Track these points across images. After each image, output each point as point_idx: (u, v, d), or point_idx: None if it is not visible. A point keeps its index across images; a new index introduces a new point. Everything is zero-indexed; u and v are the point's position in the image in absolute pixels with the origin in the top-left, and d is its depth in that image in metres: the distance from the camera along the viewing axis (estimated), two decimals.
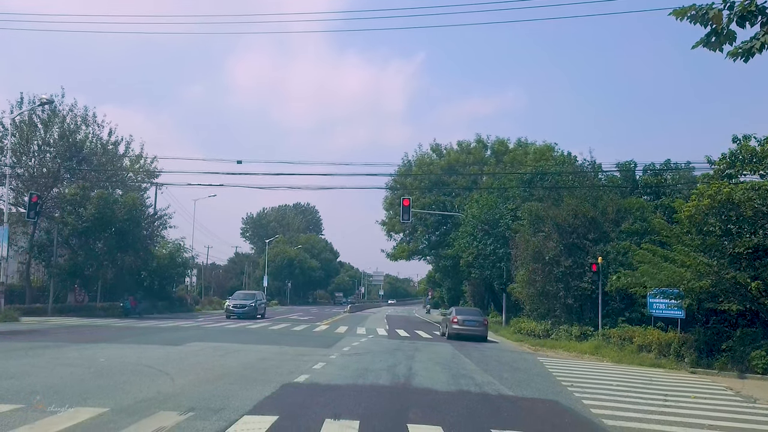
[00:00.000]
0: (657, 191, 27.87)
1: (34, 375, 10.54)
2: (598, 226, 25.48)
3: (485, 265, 35.59)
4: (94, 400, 8.36)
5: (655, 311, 20.56)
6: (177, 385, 10.06)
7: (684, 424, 8.80)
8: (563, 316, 25.80)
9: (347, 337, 23.98)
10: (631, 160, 29.65)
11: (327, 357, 15.77)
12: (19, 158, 36.72)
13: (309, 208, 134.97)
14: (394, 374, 12.97)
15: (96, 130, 39.86)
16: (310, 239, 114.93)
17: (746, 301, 16.43)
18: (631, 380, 14.15)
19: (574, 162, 33.86)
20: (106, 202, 36.36)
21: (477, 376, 13.28)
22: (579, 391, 11.73)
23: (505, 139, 50.64)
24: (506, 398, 10.55)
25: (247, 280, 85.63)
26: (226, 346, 17.73)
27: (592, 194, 27.36)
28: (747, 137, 17.64)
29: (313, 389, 10.40)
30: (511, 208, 35.04)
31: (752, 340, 16.45)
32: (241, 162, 30.08)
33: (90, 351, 15.08)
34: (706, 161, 20.16)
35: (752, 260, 16.43)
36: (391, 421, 7.92)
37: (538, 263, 26.13)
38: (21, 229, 36.75)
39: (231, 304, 39.26)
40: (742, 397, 12.28)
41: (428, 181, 47.22)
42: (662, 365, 17.81)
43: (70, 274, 36.70)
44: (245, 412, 7.93)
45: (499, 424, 8.10)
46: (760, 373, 15.49)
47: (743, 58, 5.89)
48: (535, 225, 27.75)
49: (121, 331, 23.36)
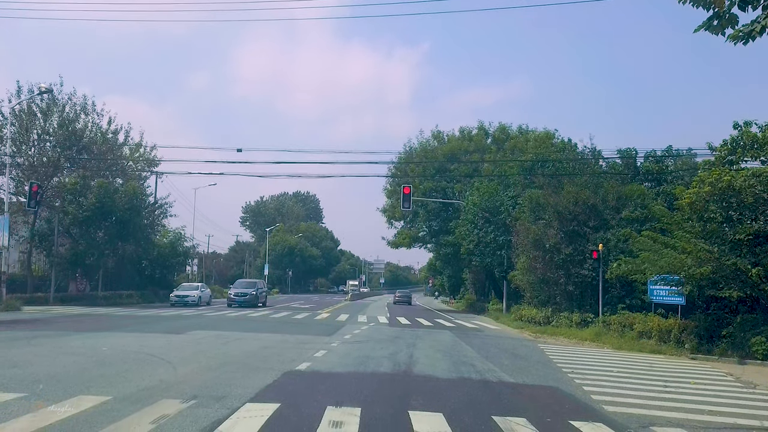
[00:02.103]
0: (658, 178, 27.78)
1: (36, 364, 10.57)
2: (599, 214, 25.45)
3: (486, 252, 35.63)
4: (97, 388, 8.40)
5: (655, 298, 20.59)
6: (179, 373, 10.09)
7: (684, 409, 8.83)
8: (564, 303, 25.85)
9: (348, 325, 24.05)
10: (632, 147, 29.55)
11: (328, 345, 15.81)
12: (19, 147, 36.63)
13: (309, 196, 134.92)
14: (396, 362, 13.01)
15: (95, 118, 39.80)
16: (310, 227, 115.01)
17: (747, 288, 16.45)
18: (632, 366, 14.19)
19: (575, 149, 33.75)
20: (106, 191, 36.37)
21: (478, 363, 13.32)
22: (579, 377, 11.77)
23: (506, 125, 50.51)
24: (507, 385, 10.58)
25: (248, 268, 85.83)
26: (228, 335, 17.79)
27: (593, 181, 27.29)
28: (748, 123, 17.60)
29: (314, 377, 10.44)
30: (511, 195, 35.04)
31: (752, 327, 16.48)
32: (241, 150, 29.87)
33: (92, 340, 15.13)
34: (708, 148, 20.12)
35: (753, 246, 16.42)
36: (393, 408, 7.94)
37: (538, 251, 26.14)
38: (22, 218, 36.78)
39: (232, 292, 39.55)
40: (741, 383, 12.32)
41: (431, 168, 47.13)
42: (662, 352, 17.86)
43: (71, 263, 36.80)
44: (247, 400, 7.96)
45: (499, 410, 8.13)
46: (760, 359, 15.54)
47: (744, 41, 5.86)
48: (535, 212, 27.74)
49: (123, 319, 23.43)
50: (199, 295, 38.55)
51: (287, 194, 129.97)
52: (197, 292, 38.62)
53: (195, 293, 38.34)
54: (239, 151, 33.89)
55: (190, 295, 37.79)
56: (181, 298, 37.26)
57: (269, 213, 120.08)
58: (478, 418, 7.60)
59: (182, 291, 38.88)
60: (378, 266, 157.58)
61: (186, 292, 38.36)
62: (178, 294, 37.99)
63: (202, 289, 40.70)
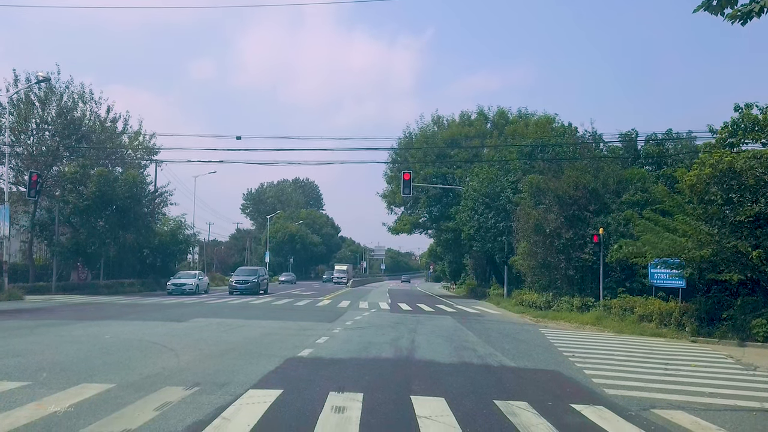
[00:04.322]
0: (659, 161, 27.70)
1: (40, 353, 10.62)
2: (599, 198, 25.42)
3: (486, 238, 35.63)
4: (100, 376, 8.44)
5: (656, 281, 20.63)
6: (182, 360, 10.14)
7: (685, 392, 8.87)
8: (564, 288, 25.91)
9: (350, 312, 24.12)
10: (632, 130, 29.42)
11: (330, 331, 15.87)
12: (18, 137, 36.54)
13: (308, 183, 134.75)
14: (397, 347, 13.06)
15: (93, 107, 39.67)
16: (311, 215, 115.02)
17: (747, 270, 16.46)
18: (632, 350, 14.24)
19: (575, 133, 33.63)
20: (106, 180, 36.35)
21: (479, 348, 13.37)
22: (580, 361, 11.81)
23: (505, 109, 50.27)
24: (508, 369, 10.62)
25: (249, 256, 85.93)
26: (230, 322, 17.85)
27: (593, 165, 27.22)
28: (749, 105, 17.49)
29: (317, 363, 10.48)
30: (511, 180, 34.97)
31: (753, 309, 16.51)
32: (240, 138, 29.79)
33: (95, 328, 15.18)
34: (708, 130, 20.00)
35: (753, 229, 16.40)
36: (395, 393, 7.98)
37: (539, 235, 26.15)
38: (22, 207, 36.82)
39: (234, 280, 39.64)
40: (742, 365, 12.36)
41: (431, 154, 47.00)
42: (663, 335, 17.92)
43: (72, 252, 36.86)
44: (250, 386, 8.00)
45: (501, 394, 8.16)
46: (761, 341, 15.58)
47: (741, 21, 5.82)
48: (535, 197, 27.70)
49: (125, 308, 23.50)
50: (197, 282, 38.23)
51: (287, 181, 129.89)
52: (195, 280, 38.28)
53: (193, 281, 37.99)
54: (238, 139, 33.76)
55: (188, 283, 37.40)
56: (178, 286, 36.87)
57: (269, 200, 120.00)
58: (480, 402, 7.64)
59: (179, 279, 38.53)
60: (379, 253, 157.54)
61: (183, 280, 38.00)
62: (175, 282, 37.54)
63: (199, 276, 40.46)
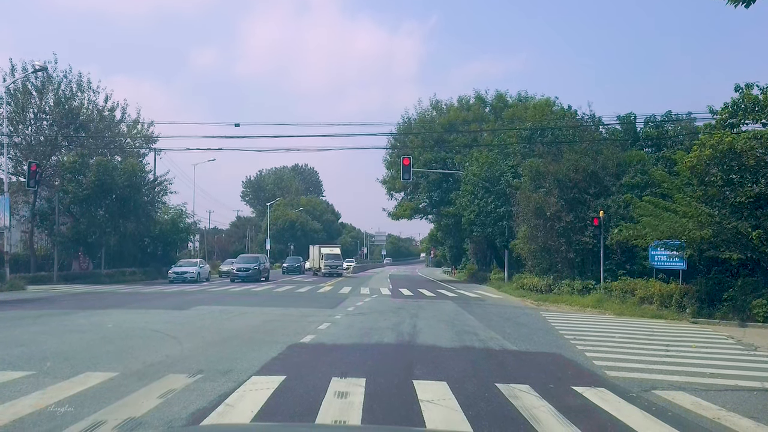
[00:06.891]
0: (658, 143, 27.62)
1: (43, 342, 10.66)
2: (599, 180, 25.38)
3: (487, 222, 35.65)
4: (104, 365, 8.47)
5: (656, 263, 20.66)
6: (185, 348, 10.18)
7: (686, 373, 8.91)
8: (565, 271, 25.96)
9: (351, 298, 24.19)
10: (631, 112, 29.29)
11: (332, 317, 15.92)
12: (16, 127, 36.40)
13: (308, 169, 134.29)
14: (399, 332, 13.10)
15: (92, 96, 39.48)
16: (311, 201, 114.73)
17: (747, 251, 16.48)
18: (633, 332, 14.29)
19: (574, 116, 33.50)
20: (105, 169, 36.31)
21: (480, 332, 13.42)
22: (581, 344, 11.86)
23: (504, 92, 50.07)
24: (510, 353, 10.67)
25: (250, 243, 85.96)
26: (232, 309, 17.91)
27: (593, 148, 27.14)
28: (749, 86, 17.38)
29: (319, 349, 10.52)
30: (511, 164, 34.90)
31: (753, 289, 16.56)
32: (239, 125, 29.79)
33: (97, 317, 15.23)
34: (708, 111, 19.90)
35: (754, 209, 16.40)
36: (397, 378, 8.02)
37: (539, 219, 26.14)
38: (22, 198, 36.77)
39: (235, 267, 39.70)
40: (743, 345, 12.41)
41: (430, 139, 46.87)
42: (664, 316, 17.97)
43: (73, 241, 36.90)
44: (253, 373, 8.03)
45: (503, 377, 8.21)
46: (761, 321, 15.65)
47: (745, 3, 5.77)
48: (535, 181, 27.65)
49: (127, 297, 23.57)
50: (198, 270, 38.45)
51: (286, 168, 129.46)
52: (196, 268, 38.48)
53: (194, 269, 38.22)
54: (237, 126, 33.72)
55: (189, 271, 37.67)
56: (180, 274, 37.14)
57: (269, 188, 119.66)
58: (482, 385, 7.68)
59: (181, 267, 38.73)
60: (380, 238, 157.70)
61: (185, 269, 38.23)
62: (176, 270, 37.78)
63: (200, 265, 40.65)
